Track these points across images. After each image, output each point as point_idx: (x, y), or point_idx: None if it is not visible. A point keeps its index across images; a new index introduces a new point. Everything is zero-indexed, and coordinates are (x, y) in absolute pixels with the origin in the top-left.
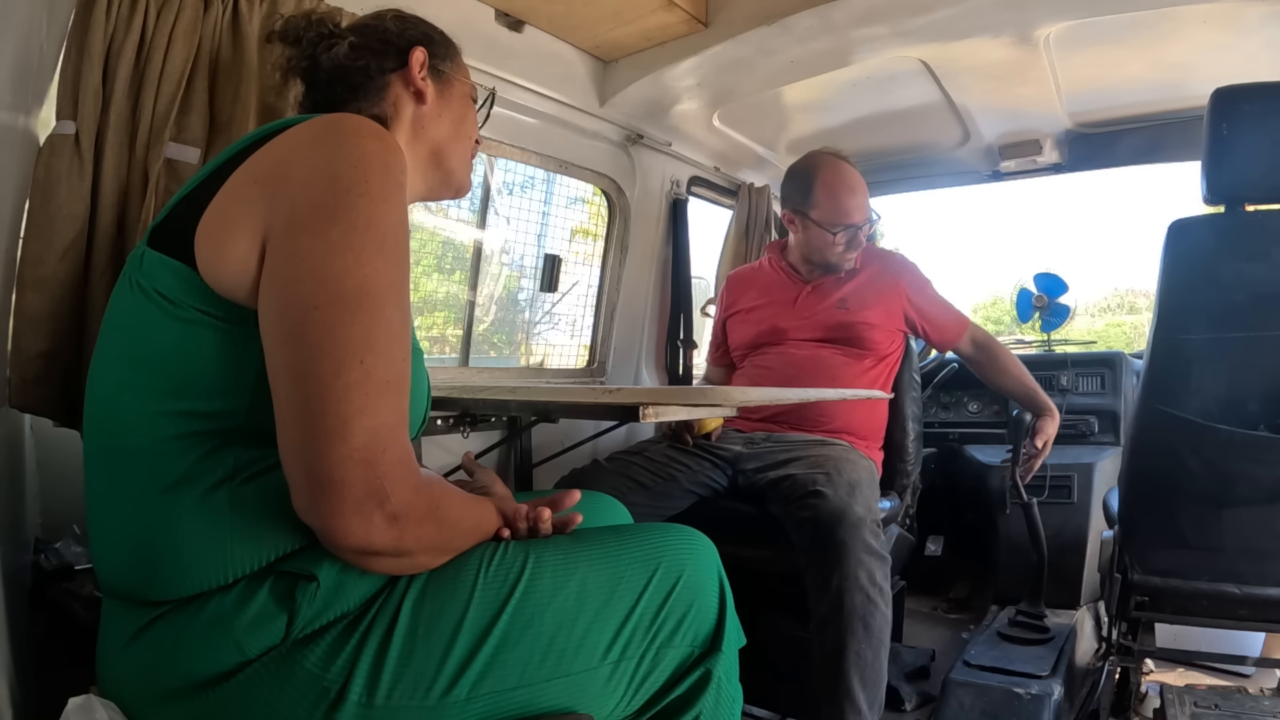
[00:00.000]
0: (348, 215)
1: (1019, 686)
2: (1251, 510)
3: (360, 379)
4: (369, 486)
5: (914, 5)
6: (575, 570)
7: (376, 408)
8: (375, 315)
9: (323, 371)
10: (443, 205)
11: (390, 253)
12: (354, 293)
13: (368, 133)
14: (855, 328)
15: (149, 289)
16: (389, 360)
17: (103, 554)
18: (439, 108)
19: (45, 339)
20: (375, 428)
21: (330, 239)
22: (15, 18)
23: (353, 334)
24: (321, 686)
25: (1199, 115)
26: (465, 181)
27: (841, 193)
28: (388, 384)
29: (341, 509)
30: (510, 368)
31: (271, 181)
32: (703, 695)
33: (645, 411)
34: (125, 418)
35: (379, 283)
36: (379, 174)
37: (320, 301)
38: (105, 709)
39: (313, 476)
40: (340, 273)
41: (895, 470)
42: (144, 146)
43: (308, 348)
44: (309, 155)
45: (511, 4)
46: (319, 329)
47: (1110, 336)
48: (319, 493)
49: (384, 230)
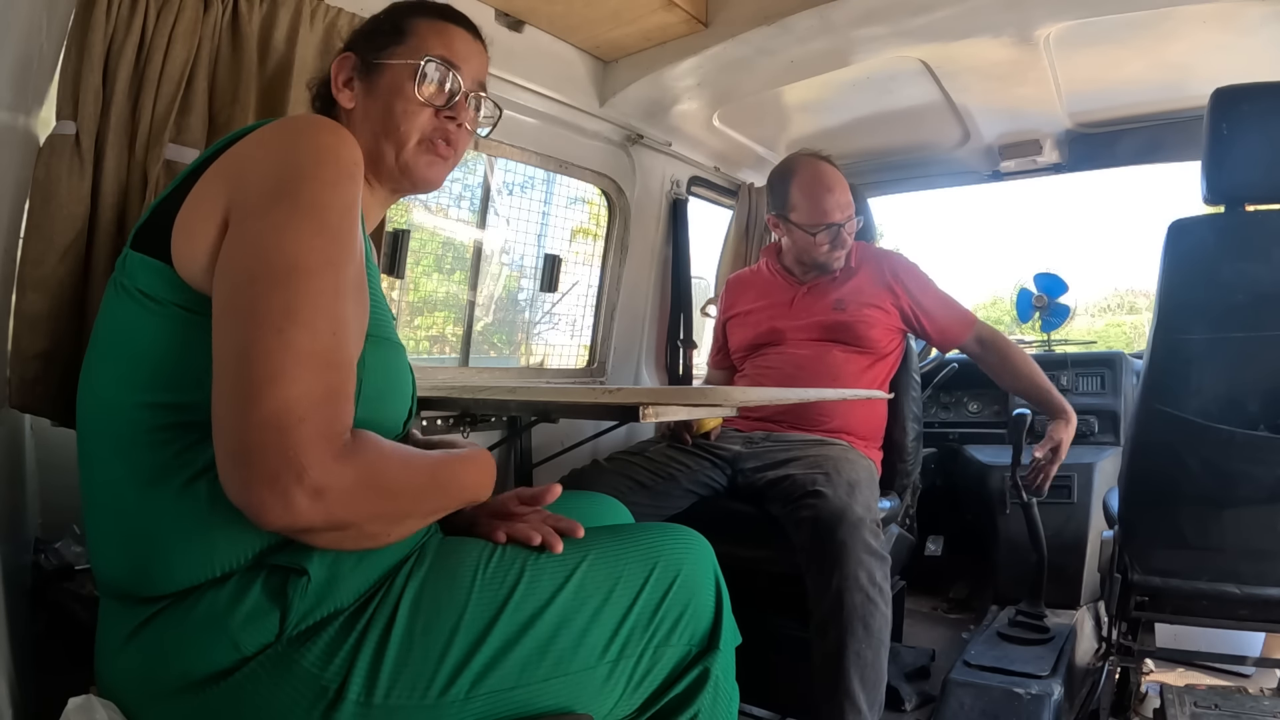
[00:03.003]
0: (291, 197)
1: (1019, 686)
2: (1251, 510)
3: (276, 347)
4: (282, 458)
5: (914, 5)
6: (573, 570)
7: (294, 377)
8: (301, 288)
9: (241, 339)
10: (443, 205)
11: (331, 234)
12: (283, 267)
13: (323, 127)
14: (853, 327)
15: (131, 289)
16: (313, 333)
17: (98, 552)
18: (364, 108)
19: (45, 339)
20: (290, 397)
21: (273, 219)
22: (15, 18)
23: (274, 304)
24: (320, 685)
25: (1199, 115)
26: (420, 173)
27: (818, 193)
28: (311, 355)
29: (253, 482)
30: (510, 368)
31: (233, 176)
32: (701, 693)
33: (645, 411)
34: (113, 415)
35: (312, 260)
36: (329, 164)
37: (253, 276)
38: (105, 709)
39: (225, 447)
40: (273, 248)
41: (895, 470)
42: (144, 147)
43: (233, 319)
44: (267, 149)
45: (511, 4)
46: (246, 301)
47: (1110, 336)
48: (231, 464)
49: (327, 213)
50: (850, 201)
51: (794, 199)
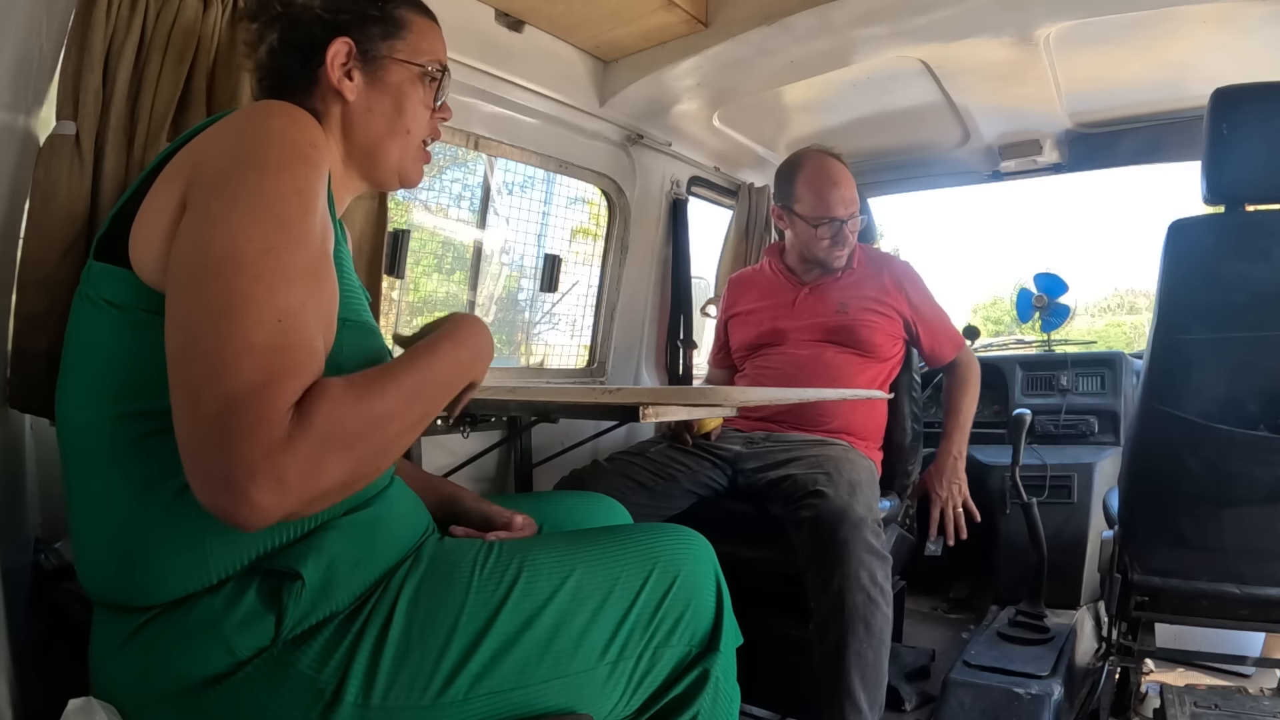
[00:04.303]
0: (231, 187)
1: (1019, 686)
2: (1251, 510)
3: (213, 344)
4: (230, 458)
5: (914, 5)
6: (571, 571)
7: (232, 371)
8: (236, 280)
9: (181, 338)
10: (443, 205)
11: (274, 220)
12: (217, 260)
13: (276, 112)
14: (855, 331)
15: (97, 299)
16: (251, 324)
17: (86, 563)
18: (368, 101)
19: (45, 339)
20: (229, 393)
21: (210, 210)
22: (15, 18)
23: (210, 299)
24: (316, 688)
25: (1199, 115)
26: (413, 174)
27: (824, 186)
28: (250, 348)
29: (212, 489)
30: (510, 368)
31: (185, 174)
32: (701, 694)
33: (645, 411)
34: (91, 426)
35: (250, 249)
36: (278, 148)
37: (189, 271)
38: (105, 711)
39: (183, 455)
40: (209, 241)
41: (895, 470)
42: (143, 147)
43: (174, 318)
44: (217, 141)
45: (511, 4)
46: (185, 298)
47: (1110, 336)
48: (191, 474)
49: (269, 199)
50: (855, 199)
51: (799, 191)
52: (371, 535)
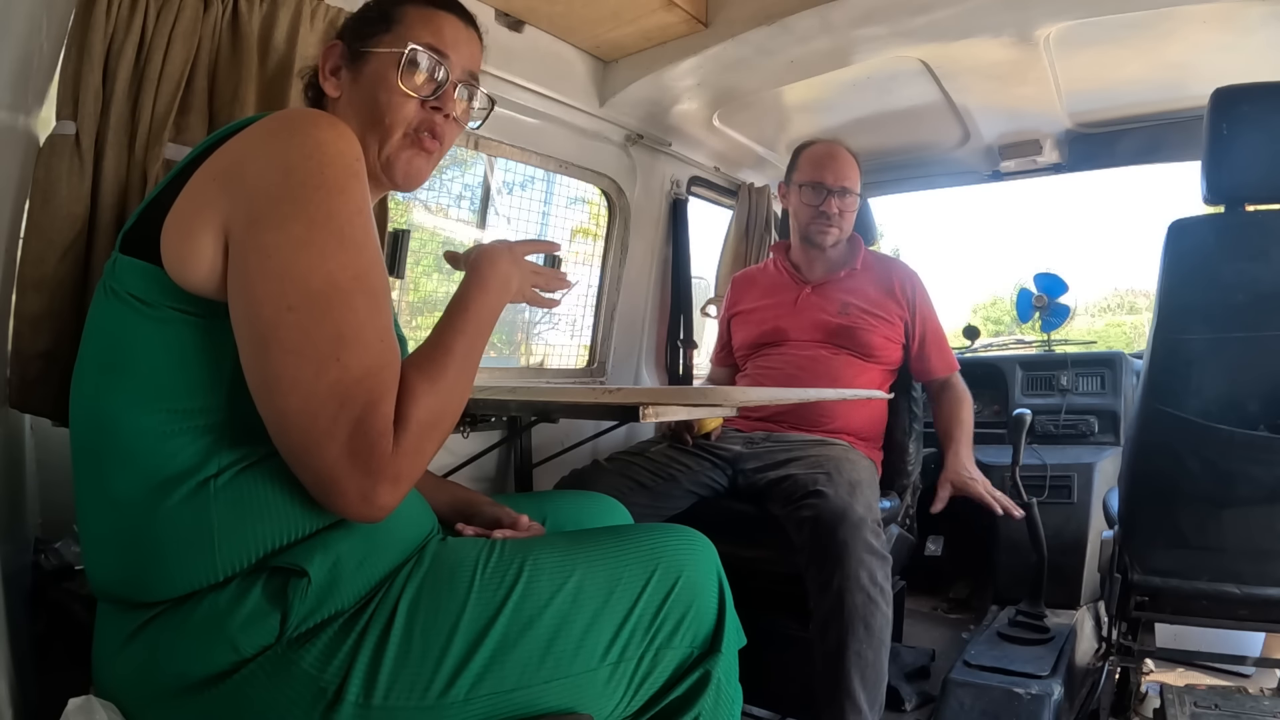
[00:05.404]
0: (306, 210)
1: (1019, 686)
2: (1251, 510)
3: (337, 376)
4: (365, 472)
5: (914, 5)
6: (573, 571)
7: (356, 397)
8: (344, 312)
9: (300, 375)
10: (443, 205)
11: (352, 244)
12: (319, 292)
13: (321, 122)
14: (856, 333)
15: (122, 293)
16: (364, 349)
17: (93, 558)
18: (349, 96)
19: (45, 339)
20: (357, 419)
21: (293, 235)
22: (15, 18)
23: (324, 334)
24: (318, 687)
25: (1199, 115)
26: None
27: (822, 158)
28: (368, 372)
29: (350, 501)
30: (510, 368)
31: (229, 178)
32: (702, 696)
33: (645, 411)
34: (107, 421)
35: (343, 276)
36: (333, 165)
37: (292, 303)
38: (105, 709)
39: (318, 480)
40: (303, 272)
41: (895, 470)
42: (144, 147)
43: (286, 352)
44: (264, 149)
45: (511, 4)
46: (295, 332)
47: (1110, 336)
48: (325, 493)
49: (342, 223)
50: (849, 179)
51: (800, 163)
52: (376, 535)
